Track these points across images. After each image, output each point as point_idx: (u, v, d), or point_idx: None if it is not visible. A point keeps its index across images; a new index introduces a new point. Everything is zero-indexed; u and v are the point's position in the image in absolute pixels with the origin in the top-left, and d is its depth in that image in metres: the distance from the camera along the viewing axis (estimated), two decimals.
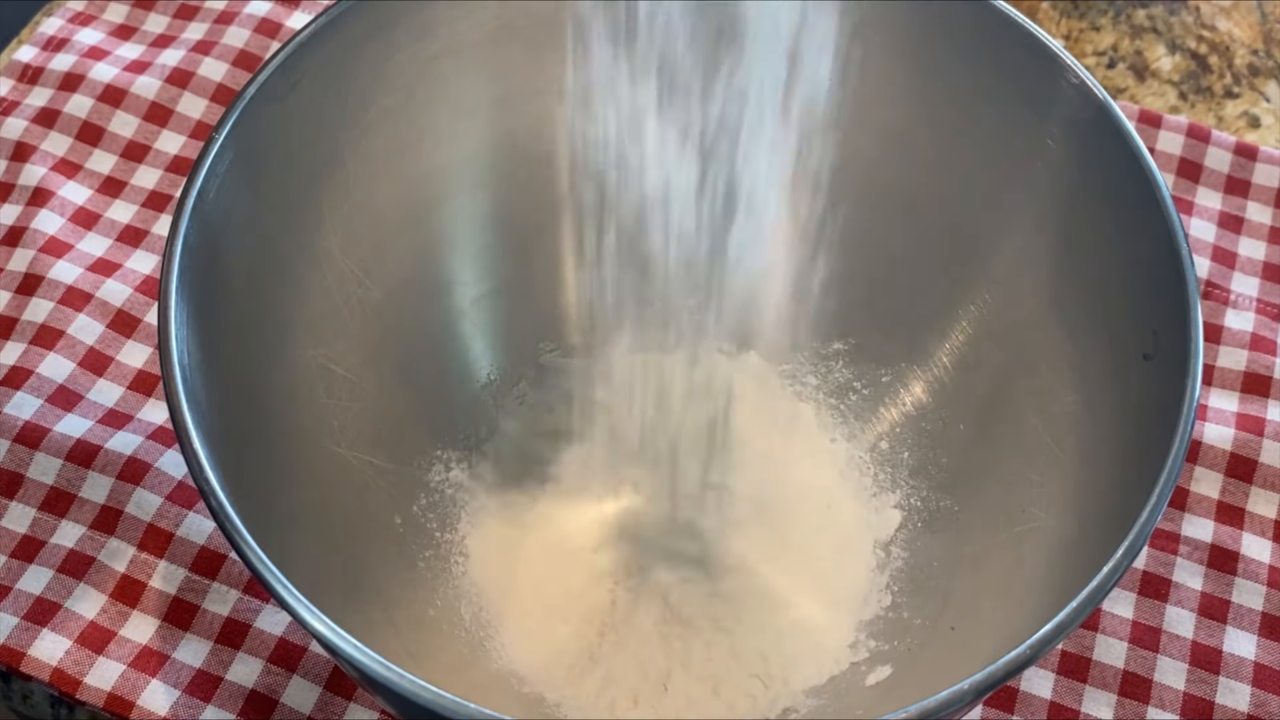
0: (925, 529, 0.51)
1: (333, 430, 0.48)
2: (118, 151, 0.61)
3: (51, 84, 0.62)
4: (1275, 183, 0.60)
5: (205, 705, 0.47)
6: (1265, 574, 0.51)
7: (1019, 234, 0.48)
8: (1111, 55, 0.64)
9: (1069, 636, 0.45)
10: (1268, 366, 0.55)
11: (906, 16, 0.48)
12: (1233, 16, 0.63)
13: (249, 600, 0.49)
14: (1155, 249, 0.42)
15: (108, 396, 0.54)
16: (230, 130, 0.43)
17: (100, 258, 0.57)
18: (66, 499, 0.51)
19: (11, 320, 0.55)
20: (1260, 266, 0.59)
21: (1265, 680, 0.49)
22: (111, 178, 0.60)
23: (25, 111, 0.61)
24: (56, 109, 0.61)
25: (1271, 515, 0.52)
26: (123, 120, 0.61)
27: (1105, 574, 0.37)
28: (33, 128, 0.61)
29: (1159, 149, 0.60)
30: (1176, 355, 0.40)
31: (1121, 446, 0.43)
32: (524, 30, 0.49)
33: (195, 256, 0.42)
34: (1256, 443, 0.54)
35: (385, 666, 0.35)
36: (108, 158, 0.60)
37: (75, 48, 0.64)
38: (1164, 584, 0.51)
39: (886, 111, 0.50)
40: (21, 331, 0.55)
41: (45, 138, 0.61)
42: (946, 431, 0.51)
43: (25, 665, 0.48)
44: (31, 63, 0.63)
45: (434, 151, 0.50)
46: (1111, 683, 0.49)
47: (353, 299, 0.49)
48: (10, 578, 0.49)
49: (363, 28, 0.46)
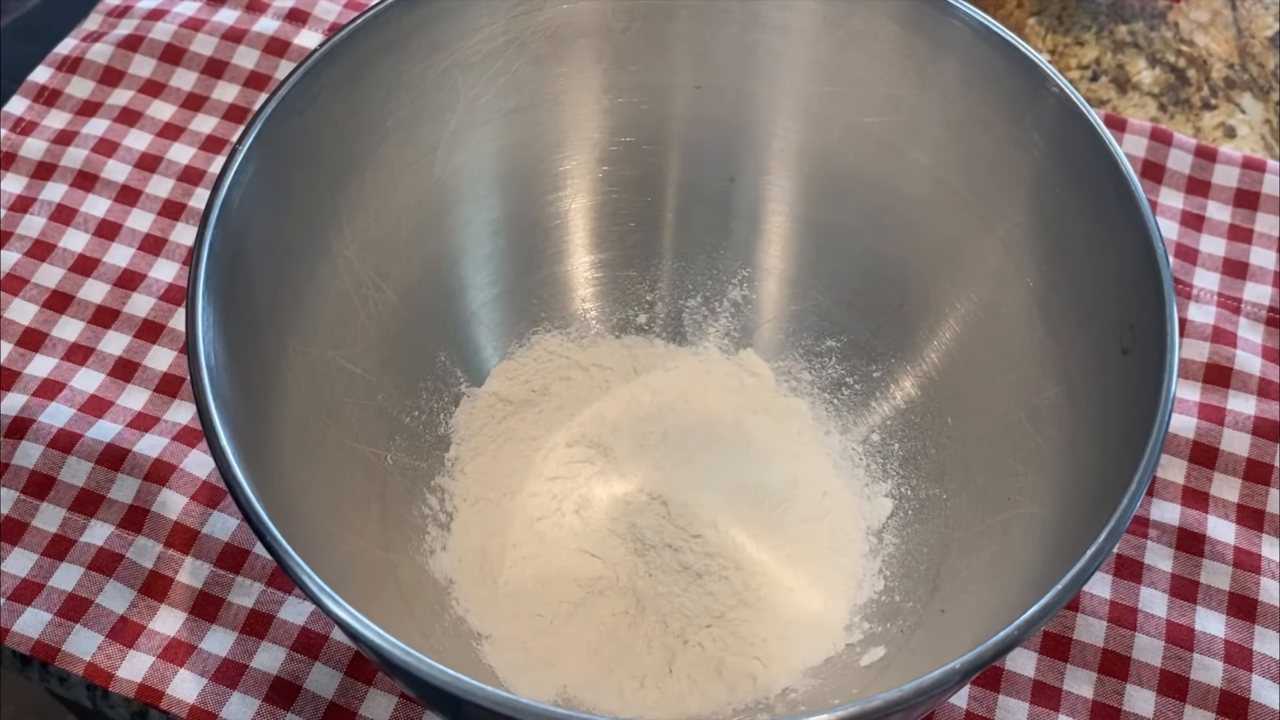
0: (915, 517, 0.52)
1: (351, 428, 0.49)
2: (132, 162, 0.62)
3: (70, 108, 0.64)
4: (1234, 183, 0.62)
5: (231, 692, 0.49)
6: (1230, 555, 0.53)
7: (1003, 235, 0.49)
8: (1094, 69, 0.65)
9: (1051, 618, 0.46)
10: (1228, 358, 0.57)
11: (897, 29, 0.49)
12: (1210, 32, 0.64)
13: (272, 592, 0.51)
14: (1132, 249, 0.43)
15: (136, 400, 0.55)
16: (253, 142, 0.44)
17: (125, 269, 0.59)
18: (96, 500, 0.53)
19: (41, 335, 0.57)
20: (1220, 262, 0.60)
21: (1235, 656, 0.50)
22: (128, 187, 0.61)
23: (45, 133, 0.63)
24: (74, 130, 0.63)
25: (1234, 499, 0.54)
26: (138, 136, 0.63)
27: (1088, 558, 0.37)
28: (53, 148, 0.62)
29: (1125, 152, 0.62)
30: (1153, 349, 0.41)
31: (1102, 437, 0.43)
32: (532, 45, 0.50)
33: (220, 263, 0.42)
34: (1218, 431, 0.55)
35: (405, 651, 0.36)
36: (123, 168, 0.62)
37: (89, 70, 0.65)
38: (1137, 566, 0.52)
39: (876, 119, 0.51)
40: (52, 346, 0.57)
41: (64, 155, 0.62)
42: (935, 424, 0.52)
43: (60, 660, 0.49)
44: (48, 84, 0.65)
45: (446, 160, 0.51)
46: (1092, 661, 0.50)
47: (370, 302, 0.50)
48: (43, 575, 0.51)
49: (378, 43, 0.47)
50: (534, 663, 0.49)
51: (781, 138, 0.53)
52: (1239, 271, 0.60)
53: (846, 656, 0.49)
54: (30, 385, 0.56)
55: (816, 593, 0.51)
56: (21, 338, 0.57)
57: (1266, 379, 0.57)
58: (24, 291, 0.58)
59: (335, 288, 0.49)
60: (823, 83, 0.52)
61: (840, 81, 0.51)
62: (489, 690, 0.35)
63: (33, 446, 0.53)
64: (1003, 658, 0.44)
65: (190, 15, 0.67)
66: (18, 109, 0.64)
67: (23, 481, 0.53)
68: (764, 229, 0.56)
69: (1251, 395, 0.56)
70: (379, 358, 0.51)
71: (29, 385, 0.56)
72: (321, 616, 0.50)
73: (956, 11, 0.47)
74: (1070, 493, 0.44)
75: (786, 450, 0.54)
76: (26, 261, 0.59)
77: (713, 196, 0.55)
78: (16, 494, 0.53)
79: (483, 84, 0.50)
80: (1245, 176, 0.62)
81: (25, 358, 0.56)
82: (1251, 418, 0.56)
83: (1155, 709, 0.49)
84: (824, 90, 0.52)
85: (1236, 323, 0.58)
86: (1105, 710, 0.50)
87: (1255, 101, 0.66)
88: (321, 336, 0.48)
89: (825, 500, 0.53)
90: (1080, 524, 0.40)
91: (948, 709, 0.49)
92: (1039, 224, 0.48)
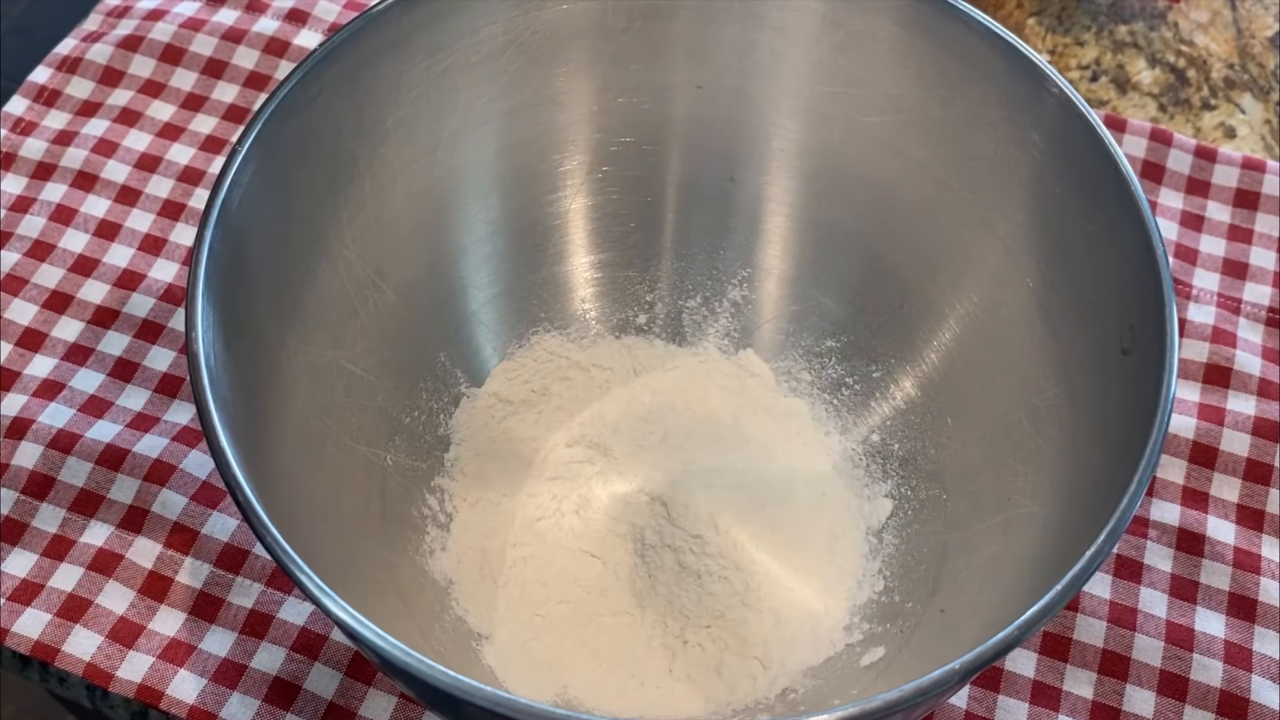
0: (915, 517, 0.52)
1: (351, 428, 0.49)
2: (131, 163, 0.62)
3: (70, 109, 0.64)
4: (1234, 183, 0.62)
5: (231, 692, 0.49)
6: (1230, 555, 0.53)
7: (1003, 235, 0.49)
8: (1094, 69, 0.65)
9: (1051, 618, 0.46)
10: (1228, 358, 0.57)
11: (896, 29, 0.49)
12: (1210, 32, 0.64)
13: (271, 592, 0.51)
14: (1132, 249, 0.43)
15: (136, 400, 0.55)
16: (252, 142, 0.44)
17: (125, 269, 0.59)
18: (96, 500, 0.53)
19: (41, 335, 0.57)
20: (1220, 263, 0.60)
21: (1235, 657, 0.50)
22: (127, 187, 0.61)
23: (44, 133, 0.63)
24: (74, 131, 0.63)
25: (1234, 499, 0.54)
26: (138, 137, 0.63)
27: (1088, 558, 0.37)
28: (53, 148, 0.62)
29: (1125, 152, 0.61)
30: (1153, 349, 0.41)
31: (1102, 437, 0.43)
32: (532, 45, 0.50)
33: (219, 263, 0.42)
34: (1218, 431, 0.55)
35: (405, 652, 0.36)
36: (122, 169, 0.62)
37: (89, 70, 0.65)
38: (1136, 566, 0.52)
39: (876, 119, 0.51)
40: (52, 347, 0.57)
41: (64, 155, 0.62)
42: (935, 424, 0.52)
43: (60, 661, 0.49)
44: (47, 84, 0.65)
45: (446, 160, 0.51)
46: (1092, 661, 0.50)
47: (370, 302, 0.50)
48: (42, 576, 0.51)
49: (378, 43, 0.47)
50: (534, 663, 0.49)
51: (781, 138, 0.53)
52: (1239, 272, 0.60)
53: (846, 657, 0.49)
54: (30, 385, 0.56)
55: (816, 593, 0.51)
56: (21, 338, 0.57)
57: (1266, 379, 0.57)
58: (24, 291, 0.58)
59: (335, 287, 0.49)
60: (823, 83, 0.52)
61: (840, 81, 0.51)
62: (488, 690, 0.35)
63: (32, 446, 0.53)
64: (1002, 658, 0.43)
65: (190, 15, 0.67)
66: (18, 109, 0.64)
67: (22, 482, 0.53)
68: (764, 229, 0.56)
69: (1251, 395, 0.56)
70: (379, 358, 0.51)
71: (29, 385, 0.56)
72: (321, 617, 0.50)
73: (956, 12, 0.47)
74: (1070, 493, 0.44)
75: (786, 450, 0.54)
76: (26, 261, 0.59)
77: (713, 197, 0.55)
78: (16, 494, 0.53)
79: (483, 84, 0.50)
80: (1245, 177, 0.62)
81: (25, 358, 0.56)
82: (1251, 418, 0.56)
83: (1155, 709, 0.50)
84: (824, 90, 0.52)
85: (1236, 323, 0.58)
86: (1105, 711, 0.50)
87: (1255, 102, 0.66)
88: (321, 336, 0.48)
89: (825, 500, 0.53)
90: (1080, 524, 0.40)
91: (947, 709, 0.49)
92: (1039, 224, 0.48)
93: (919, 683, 0.35)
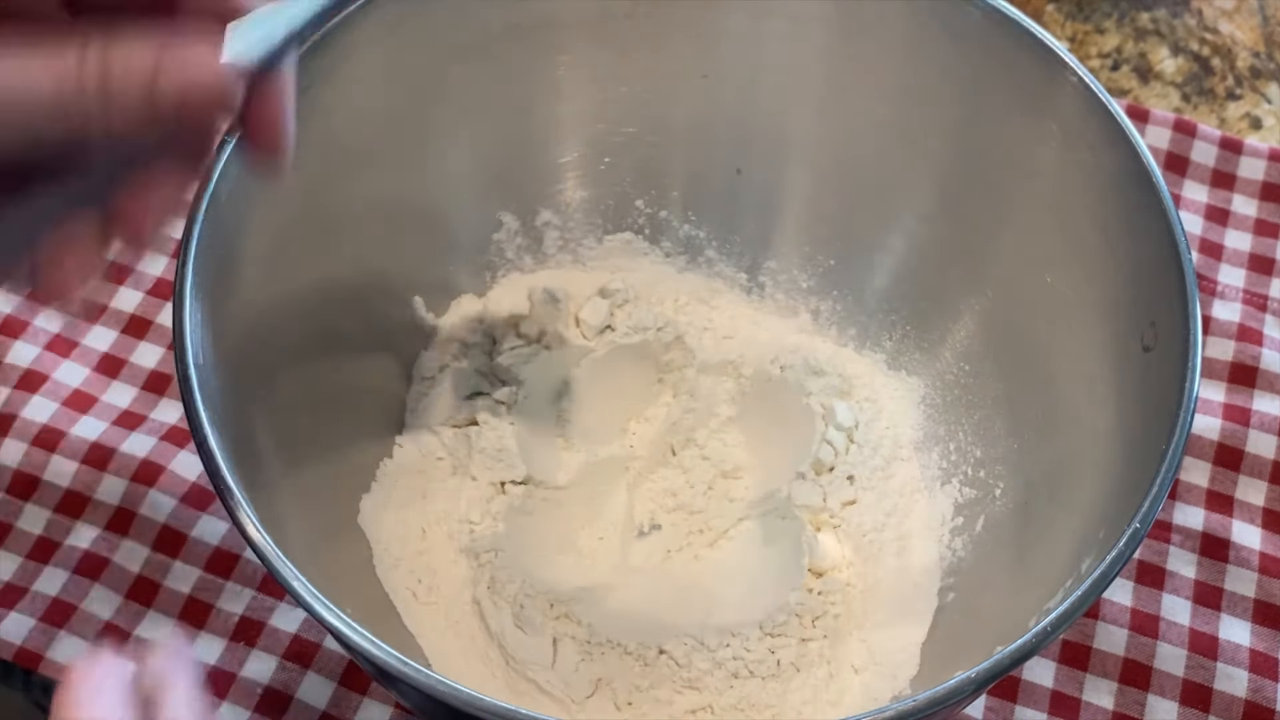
0: None
1: (344, 430, 0.48)
2: None
3: None
4: (1260, 175, 0.61)
5: (221, 702, 0.48)
6: (1256, 560, 0.52)
7: (1021, 230, 0.48)
8: (1116, 57, 0.65)
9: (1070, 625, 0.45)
10: (1254, 357, 0.56)
11: (910, 15, 0.48)
12: (1235, 20, 0.64)
13: (262, 599, 0.50)
14: (1154, 244, 0.42)
15: (122, 398, 0.54)
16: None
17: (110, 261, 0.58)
18: (82, 501, 0.52)
19: (23, 323, 0.56)
20: (1246, 258, 0.59)
21: (1261, 666, 0.50)
22: None
23: None
24: None
25: (1260, 503, 0.53)
26: None
27: (1108, 563, 0.37)
28: None
29: (1147, 143, 0.61)
30: (1175, 347, 0.41)
31: (1122, 437, 0.43)
32: (530, 32, 0.49)
33: (208, 257, 0.42)
34: (1243, 432, 0.54)
35: (401, 660, 0.35)
36: None
37: None
38: (1159, 572, 0.51)
39: (889, 109, 0.50)
40: (34, 335, 0.56)
41: None
42: (951, 426, 0.51)
43: (43, 668, 0.48)
44: None
45: (443, 152, 0.50)
46: (1112, 670, 0.49)
47: (363, 299, 0.49)
48: (26, 580, 0.50)
49: (370, 30, 0.46)
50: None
51: (791, 128, 0.52)
52: (1265, 267, 0.59)
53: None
54: (11, 376, 0.54)
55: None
56: (2, 325, 0.56)
57: None
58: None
59: (328, 284, 0.48)
60: (834, 71, 0.51)
61: (852, 70, 0.50)
62: (487, 700, 0.34)
63: (16, 444, 0.53)
64: (1020, 666, 0.43)
65: None
66: None
67: (6, 481, 0.52)
68: (773, 222, 0.55)
69: (1278, 395, 0.55)
70: (372, 358, 0.50)
71: (10, 376, 0.54)
72: (314, 624, 0.49)
73: None
74: (1090, 496, 0.43)
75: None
76: None
77: (719, 189, 0.54)
78: (0, 494, 0.52)
79: (479, 72, 0.49)
80: (1272, 169, 0.61)
81: (4, 345, 0.55)
82: (1278, 419, 0.54)
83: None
84: (835, 79, 0.51)
85: (1263, 320, 0.57)
86: None
87: None
88: (313, 335, 0.47)
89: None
90: (1100, 528, 0.40)
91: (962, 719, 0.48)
92: (1057, 217, 0.47)
93: (933, 692, 0.35)
